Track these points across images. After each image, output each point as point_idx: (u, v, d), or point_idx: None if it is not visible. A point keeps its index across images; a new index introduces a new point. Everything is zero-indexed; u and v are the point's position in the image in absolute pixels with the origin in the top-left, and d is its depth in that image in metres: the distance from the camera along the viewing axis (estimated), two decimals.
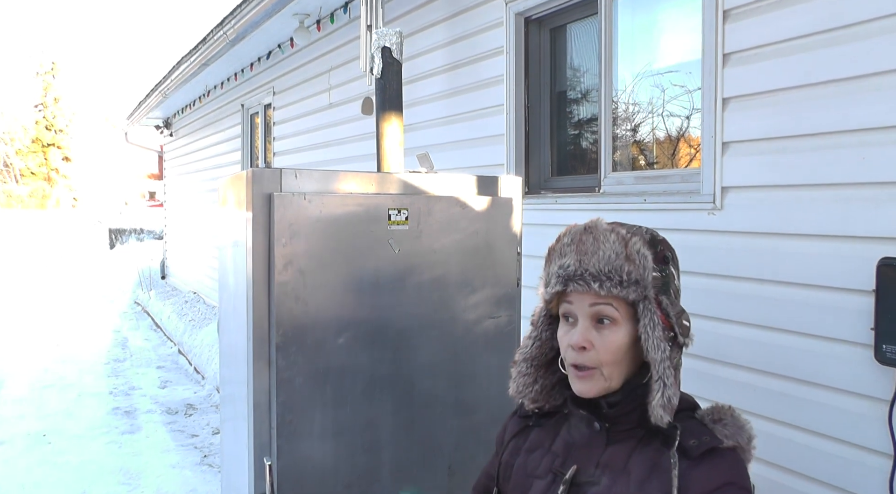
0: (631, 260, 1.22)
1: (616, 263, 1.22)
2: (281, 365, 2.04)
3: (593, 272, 1.22)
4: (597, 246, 1.24)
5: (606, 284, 1.21)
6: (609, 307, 1.23)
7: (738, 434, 1.21)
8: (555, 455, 1.32)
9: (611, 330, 1.23)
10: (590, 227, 1.28)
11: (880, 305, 1.92)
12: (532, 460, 1.35)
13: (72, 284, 15.82)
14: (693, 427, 1.21)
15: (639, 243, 1.24)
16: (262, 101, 7.83)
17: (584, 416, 1.29)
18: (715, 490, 1.14)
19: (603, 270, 1.22)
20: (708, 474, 1.15)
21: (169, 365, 8.44)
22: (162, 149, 14.56)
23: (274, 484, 2.05)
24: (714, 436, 1.19)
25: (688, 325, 1.25)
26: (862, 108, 2.02)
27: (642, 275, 1.22)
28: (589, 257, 1.23)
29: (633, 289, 1.21)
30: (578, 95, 3.62)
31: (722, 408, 1.26)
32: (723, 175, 2.44)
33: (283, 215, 2.02)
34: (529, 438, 1.39)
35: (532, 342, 1.36)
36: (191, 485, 4.83)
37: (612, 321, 1.23)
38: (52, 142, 65.91)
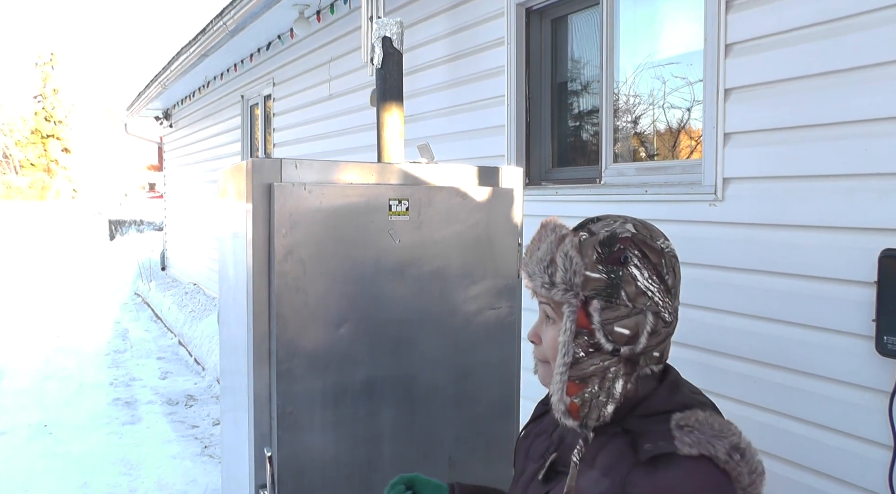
0: (555, 262, 1.20)
1: (543, 263, 1.22)
2: (281, 356, 2.04)
3: (529, 272, 1.24)
4: (537, 245, 1.25)
5: (536, 283, 1.22)
6: (547, 306, 1.24)
7: (709, 443, 1.10)
8: (551, 442, 1.35)
9: (551, 328, 1.24)
10: (543, 224, 1.27)
11: (882, 296, 1.91)
12: (536, 444, 1.39)
13: (72, 275, 15.82)
14: (656, 432, 1.14)
15: (570, 246, 1.20)
16: (262, 92, 7.80)
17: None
18: None
19: (534, 269, 1.23)
20: (657, 481, 1.08)
21: (169, 356, 8.45)
22: (162, 140, 14.54)
23: (274, 475, 2.05)
24: (670, 442, 1.10)
25: (627, 333, 1.17)
26: (865, 98, 2.01)
27: (565, 278, 1.18)
28: (531, 256, 1.26)
29: (556, 291, 1.19)
30: (579, 86, 3.61)
31: (695, 414, 1.15)
32: (724, 166, 2.44)
33: (284, 205, 2.01)
34: (542, 423, 1.42)
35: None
36: (191, 476, 4.85)
37: (553, 320, 1.24)
38: (51, 133, 65.82)
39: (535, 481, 1.32)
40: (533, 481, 1.33)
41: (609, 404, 1.18)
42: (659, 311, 1.18)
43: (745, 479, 1.12)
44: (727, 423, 1.16)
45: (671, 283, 1.20)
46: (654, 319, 1.18)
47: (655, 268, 1.19)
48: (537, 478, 1.31)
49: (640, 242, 1.20)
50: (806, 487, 2.21)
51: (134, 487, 4.67)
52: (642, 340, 1.17)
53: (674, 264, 1.22)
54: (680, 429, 1.12)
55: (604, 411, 1.18)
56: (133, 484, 4.72)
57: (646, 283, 1.18)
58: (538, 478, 1.31)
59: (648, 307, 1.17)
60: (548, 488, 1.28)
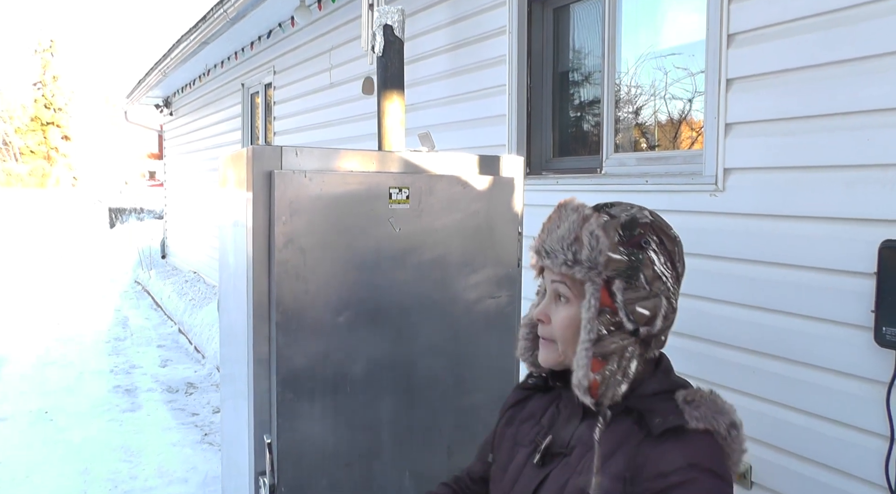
0: (580, 240, 1.22)
1: (566, 241, 1.23)
2: (281, 343, 2.04)
3: (547, 249, 1.25)
4: (558, 223, 1.26)
5: (556, 261, 1.24)
6: (563, 285, 1.25)
7: (713, 418, 1.16)
8: (541, 427, 1.35)
9: (564, 307, 1.26)
10: (562, 204, 1.30)
11: (881, 287, 1.92)
12: (523, 430, 1.39)
13: (72, 263, 15.84)
14: (663, 407, 1.19)
15: (595, 225, 1.23)
16: (263, 80, 7.78)
17: (558, 387, 1.34)
18: (674, 471, 1.10)
19: (555, 247, 1.24)
20: (667, 454, 1.12)
21: (169, 344, 8.47)
22: (162, 128, 14.51)
23: (274, 462, 2.06)
24: (680, 416, 1.15)
25: (647, 314, 1.20)
26: (869, 89, 2.00)
27: (591, 256, 1.21)
28: (549, 234, 1.27)
29: (579, 269, 1.21)
30: (581, 76, 3.60)
31: (699, 391, 1.22)
32: (725, 157, 2.43)
33: (284, 192, 2.01)
34: (526, 408, 1.42)
35: (533, 309, 1.38)
36: (191, 463, 4.86)
37: (567, 299, 1.25)
38: (51, 120, 65.69)
39: (528, 466, 1.31)
40: (526, 466, 1.32)
41: (623, 383, 1.21)
42: (670, 296, 1.23)
43: (735, 455, 1.17)
44: (724, 401, 1.22)
45: (681, 271, 1.26)
46: (667, 303, 1.23)
47: (670, 255, 1.24)
48: (531, 463, 1.31)
49: (657, 228, 1.24)
50: (802, 477, 2.22)
51: (135, 474, 4.69)
52: (658, 322, 1.22)
53: (683, 253, 1.27)
54: (687, 404, 1.18)
55: (618, 390, 1.21)
56: (134, 471, 4.73)
57: (662, 268, 1.22)
58: (532, 463, 1.30)
59: (662, 292, 1.22)
60: (545, 472, 1.27)
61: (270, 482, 2.05)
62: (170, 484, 4.53)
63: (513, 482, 1.33)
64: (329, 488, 2.15)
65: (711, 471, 1.11)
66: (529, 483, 1.28)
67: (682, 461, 1.11)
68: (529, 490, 1.27)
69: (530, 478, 1.29)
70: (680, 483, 1.09)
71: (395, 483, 2.26)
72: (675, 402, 1.20)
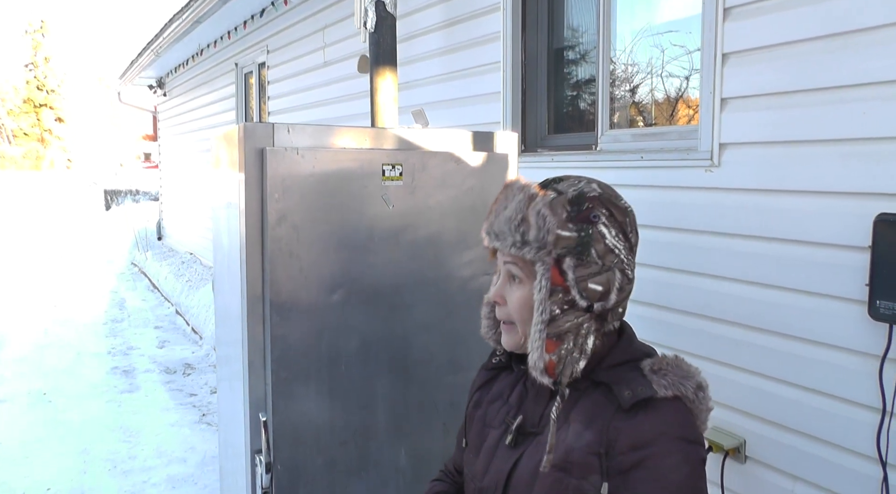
0: (527, 221, 1.20)
1: (514, 222, 1.21)
2: (275, 321, 2.04)
3: (496, 231, 1.23)
4: (505, 205, 1.24)
5: (506, 243, 1.22)
6: (514, 266, 1.23)
7: (680, 383, 1.17)
8: (510, 407, 1.34)
9: (517, 288, 1.24)
10: (508, 184, 1.27)
11: (875, 261, 1.91)
12: (491, 411, 1.38)
13: (68, 245, 15.80)
14: (630, 378, 1.18)
15: (542, 203, 1.20)
16: (256, 59, 7.72)
17: (522, 369, 1.32)
18: (648, 442, 1.11)
19: (503, 229, 1.22)
20: (639, 426, 1.13)
21: (167, 325, 8.48)
22: (156, 109, 14.42)
23: (270, 441, 2.07)
24: (649, 387, 1.16)
25: (599, 289, 1.19)
26: (865, 62, 1.99)
27: (539, 236, 1.19)
28: (497, 216, 1.24)
29: (528, 250, 1.19)
30: (576, 53, 3.57)
31: (665, 358, 1.23)
32: (721, 132, 2.42)
33: (276, 170, 2.00)
34: (493, 389, 1.41)
35: (491, 288, 1.37)
36: (190, 443, 4.89)
37: (520, 280, 1.23)
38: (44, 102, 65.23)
39: (500, 447, 1.30)
40: (499, 448, 1.31)
41: (581, 360, 1.20)
42: (624, 268, 1.21)
43: (702, 415, 1.20)
44: (689, 364, 1.22)
45: (634, 241, 1.24)
46: (621, 276, 1.21)
47: (621, 226, 1.22)
48: (503, 444, 1.30)
49: (606, 201, 1.22)
50: (796, 450, 2.23)
51: (133, 454, 4.71)
52: (612, 296, 1.20)
53: (635, 223, 1.25)
54: (654, 373, 1.18)
55: (576, 367, 1.20)
56: (133, 451, 4.76)
57: (613, 241, 1.20)
58: (504, 444, 1.29)
59: (616, 265, 1.20)
60: (518, 452, 1.26)
61: (266, 460, 2.05)
62: (169, 464, 4.56)
63: (486, 464, 1.32)
64: (325, 466, 2.16)
65: (683, 439, 1.13)
66: (503, 464, 1.27)
67: (654, 431, 1.12)
68: (504, 471, 1.26)
69: (504, 460, 1.28)
70: (654, 453, 1.11)
71: (392, 461, 2.27)
72: (642, 371, 1.19)
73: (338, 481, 2.18)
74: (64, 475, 4.38)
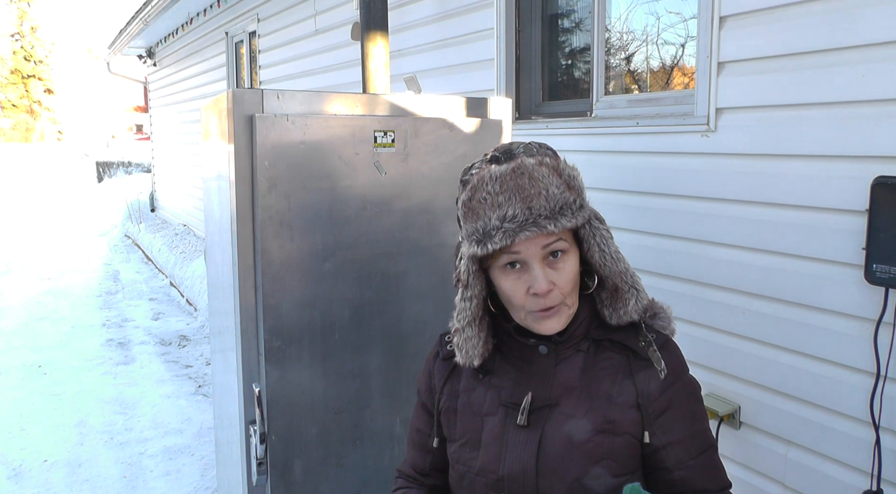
0: (571, 188, 1.18)
1: (562, 197, 1.16)
2: (267, 290, 2.02)
3: (545, 214, 1.14)
4: (538, 186, 1.15)
5: (560, 221, 1.15)
6: (561, 242, 1.18)
7: (669, 323, 1.29)
8: (498, 388, 1.28)
9: (564, 261, 1.19)
10: (518, 168, 1.16)
11: (872, 224, 1.90)
12: (475, 398, 1.30)
13: (60, 217, 15.72)
14: (635, 330, 1.26)
15: (568, 168, 1.20)
16: (247, 28, 7.60)
17: (531, 344, 1.25)
18: (670, 383, 1.22)
19: (554, 208, 1.15)
20: (655, 372, 1.23)
21: (161, 297, 8.46)
22: (146, 80, 14.24)
23: (264, 411, 2.06)
24: (659, 333, 1.26)
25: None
26: (863, 23, 1.95)
27: (583, 199, 1.20)
28: (536, 200, 1.14)
29: (580, 215, 1.19)
30: (571, 20, 3.51)
31: (653, 303, 1.30)
32: (717, 96, 2.39)
33: (266, 137, 1.96)
34: (462, 377, 1.34)
35: (469, 304, 1.25)
36: (186, 414, 4.90)
37: (564, 253, 1.19)
38: (32, 73, 64.40)
39: (510, 430, 1.24)
40: (507, 431, 1.24)
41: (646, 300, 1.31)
42: None
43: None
44: (661, 303, 1.32)
45: None
46: None
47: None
48: (513, 426, 1.23)
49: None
50: (790, 415, 2.24)
51: (130, 425, 4.72)
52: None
53: None
54: (652, 319, 1.29)
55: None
56: (129, 423, 4.77)
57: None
58: (515, 425, 1.23)
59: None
60: (538, 430, 1.21)
61: (261, 430, 2.05)
62: (165, 435, 4.57)
63: (497, 452, 1.24)
64: (319, 435, 2.15)
65: (686, 371, 1.28)
66: (525, 445, 1.22)
67: (672, 371, 1.24)
68: (530, 451, 1.21)
69: (522, 441, 1.22)
70: (676, 391, 1.23)
71: (386, 430, 2.27)
72: (643, 320, 1.28)
73: (332, 450, 2.18)
74: (60, 446, 4.40)
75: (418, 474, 1.44)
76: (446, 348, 1.38)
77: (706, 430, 1.27)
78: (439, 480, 1.42)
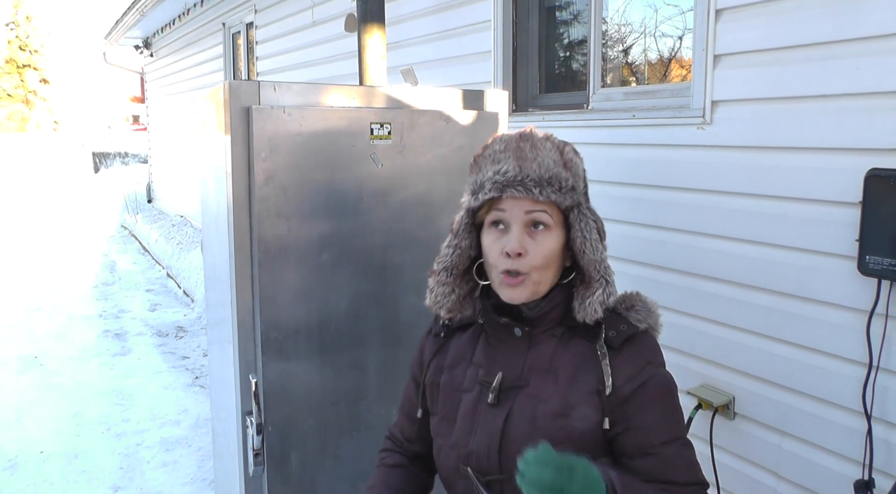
0: (568, 168, 1.26)
1: (555, 170, 1.24)
2: (264, 282, 2.02)
3: (534, 178, 1.23)
4: (535, 153, 1.24)
5: (546, 189, 1.22)
6: (545, 214, 1.24)
7: (648, 316, 1.29)
8: (477, 367, 1.34)
9: (544, 236, 1.25)
10: (525, 135, 1.28)
11: (866, 216, 1.91)
12: (456, 375, 1.36)
13: (57, 208, 15.70)
14: (610, 319, 1.27)
15: (571, 153, 1.28)
16: (244, 19, 7.58)
17: (505, 323, 1.30)
18: (638, 372, 1.24)
19: (543, 176, 1.23)
20: (629, 359, 1.24)
21: (158, 288, 8.46)
22: (143, 70, 14.20)
23: (260, 402, 2.07)
24: (630, 324, 1.27)
25: (605, 231, 1.30)
26: (858, 16, 1.96)
27: (577, 182, 1.26)
28: (529, 164, 1.24)
29: (569, 196, 1.24)
30: (569, 13, 3.51)
31: (631, 295, 1.32)
32: (713, 89, 2.39)
33: (263, 128, 1.97)
34: (449, 354, 1.40)
35: (452, 251, 1.35)
36: (183, 406, 4.91)
37: (546, 227, 1.25)
38: (27, 63, 64.05)
39: (481, 408, 1.29)
40: (479, 409, 1.29)
41: (614, 295, 1.32)
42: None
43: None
44: (647, 298, 1.33)
45: None
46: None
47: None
48: (484, 403, 1.29)
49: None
50: (784, 406, 2.25)
51: (127, 417, 4.73)
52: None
53: None
54: (628, 311, 1.29)
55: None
56: (126, 414, 4.78)
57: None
58: (486, 403, 1.28)
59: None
60: (505, 409, 1.26)
61: (257, 421, 2.06)
62: (162, 426, 4.58)
63: (469, 427, 1.30)
64: (316, 426, 2.16)
65: (661, 364, 1.29)
66: (492, 423, 1.27)
67: (641, 362, 1.25)
68: (496, 430, 1.26)
69: (490, 419, 1.27)
70: (644, 381, 1.24)
71: (383, 422, 2.28)
72: (614, 311, 1.29)
73: (329, 441, 2.19)
74: (57, 438, 4.41)
75: (404, 439, 1.55)
76: (438, 324, 1.45)
77: (675, 423, 1.26)
78: (422, 448, 1.51)
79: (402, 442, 1.55)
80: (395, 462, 1.53)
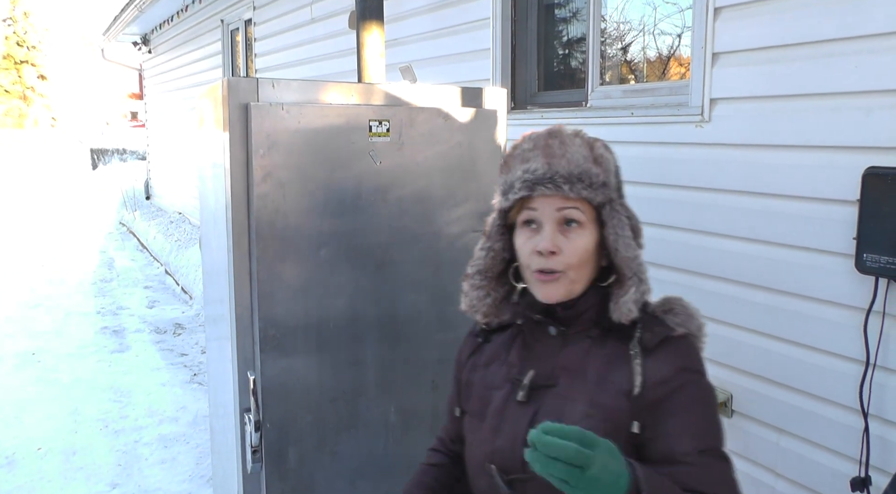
0: (598, 163, 1.23)
1: (585, 165, 1.22)
2: (262, 278, 2.02)
3: (564, 175, 1.21)
4: (564, 149, 1.23)
5: (577, 186, 1.20)
6: (576, 211, 1.22)
7: (688, 322, 1.25)
8: (511, 366, 1.32)
9: (577, 233, 1.23)
10: (554, 132, 1.26)
11: (863, 214, 1.91)
12: (490, 373, 1.35)
13: (55, 204, 15.67)
14: (646, 321, 1.25)
15: (602, 148, 1.26)
16: (243, 16, 7.57)
17: (539, 321, 1.29)
18: (671, 377, 1.19)
19: (573, 172, 1.21)
20: (662, 362, 1.20)
21: (156, 285, 8.46)
22: (141, 67, 14.17)
23: (258, 399, 2.07)
24: (666, 326, 1.23)
25: (641, 227, 1.29)
26: (858, 14, 1.96)
27: (608, 178, 1.24)
28: (558, 160, 1.22)
29: (600, 192, 1.22)
30: (567, 10, 3.51)
31: (671, 299, 1.29)
32: (712, 87, 2.39)
33: (261, 125, 1.97)
34: (485, 354, 1.39)
35: (485, 254, 1.33)
36: (181, 402, 4.91)
37: (579, 225, 1.23)
38: (25, 59, 63.89)
39: (511, 405, 1.28)
40: (508, 406, 1.28)
41: (648, 294, 1.29)
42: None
43: (702, 351, 1.27)
44: (689, 303, 1.30)
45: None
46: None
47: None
48: (514, 401, 1.27)
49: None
50: (781, 403, 2.26)
51: (125, 414, 4.73)
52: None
53: None
54: (666, 314, 1.26)
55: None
56: (124, 411, 4.78)
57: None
58: (515, 401, 1.27)
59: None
60: (534, 408, 1.24)
61: (255, 418, 2.06)
62: (160, 423, 4.58)
63: (497, 424, 1.28)
64: (314, 424, 2.16)
65: (699, 372, 1.22)
66: (519, 420, 1.25)
67: (675, 367, 1.20)
68: (522, 427, 1.23)
69: (518, 416, 1.26)
70: (678, 387, 1.18)
71: (381, 419, 2.28)
72: (652, 314, 1.26)
73: (327, 438, 2.19)
74: (55, 434, 4.40)
75: (448, 439, 1.54)
76: (477, 327, 1.45)
77: (710, 434, 1.18)
78: (462, 448, 1.47)
79: (445, 442, 1.54)
80: (434, 462, 1.52)
